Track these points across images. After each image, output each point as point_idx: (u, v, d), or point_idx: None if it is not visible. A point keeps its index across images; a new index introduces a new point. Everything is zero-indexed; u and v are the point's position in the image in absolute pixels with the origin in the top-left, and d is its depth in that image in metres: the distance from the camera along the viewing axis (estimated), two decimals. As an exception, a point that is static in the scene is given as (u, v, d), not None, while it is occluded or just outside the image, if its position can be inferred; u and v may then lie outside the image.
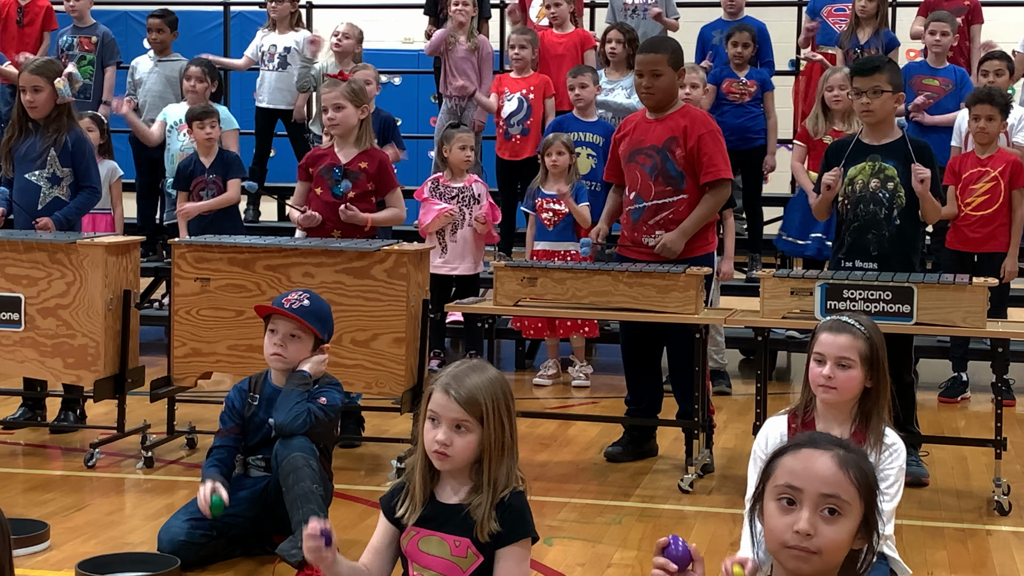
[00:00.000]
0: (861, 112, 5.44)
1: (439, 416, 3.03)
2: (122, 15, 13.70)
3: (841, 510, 2.24)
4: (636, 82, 5.71)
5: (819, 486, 2.24)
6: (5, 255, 5.59)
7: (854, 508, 2.25)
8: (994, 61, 7.57)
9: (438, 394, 3.04)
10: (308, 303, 4.41)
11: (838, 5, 8.62)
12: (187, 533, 4.21)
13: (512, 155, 8.24)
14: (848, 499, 2.24)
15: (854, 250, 5.42)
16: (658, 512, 4.97)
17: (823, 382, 3.71)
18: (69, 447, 5.89)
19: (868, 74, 5.37)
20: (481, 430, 3.02)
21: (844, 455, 2.28)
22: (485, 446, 3.04)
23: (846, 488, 2.24)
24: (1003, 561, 4.48)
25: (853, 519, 2.25)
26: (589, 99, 7.66)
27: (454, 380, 3.04)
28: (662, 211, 5.58)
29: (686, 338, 5.35)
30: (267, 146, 9.18)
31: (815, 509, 2.24)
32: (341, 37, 8.43)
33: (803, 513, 2.24)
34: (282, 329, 4.37)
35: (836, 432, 3.76)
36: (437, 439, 3.02)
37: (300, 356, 4.39)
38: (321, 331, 4.42)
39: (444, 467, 3.07)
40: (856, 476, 2.25)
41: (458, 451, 3.03)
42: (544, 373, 7.60)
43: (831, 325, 3.77)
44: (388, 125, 7.90)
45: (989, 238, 6.89)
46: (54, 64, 6.24)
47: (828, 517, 2.24)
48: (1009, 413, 6.39)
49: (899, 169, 5.34)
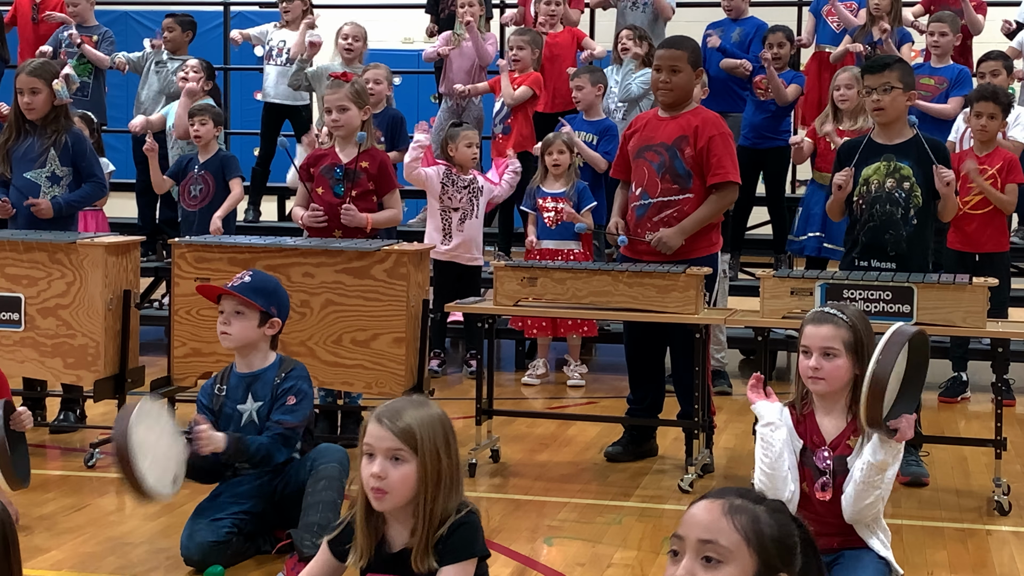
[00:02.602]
0: (872, 110, 5.43)
1: (374, 448, 2.95)
2: (122, 15, 13.73)
3: (721, 557, 2.12)
4: (653, 78, 5.71)
5: (697, 532, 2.15)
6: (5, 255, 5.59)
7: (738, 557, 2.11)
8: (990, 62, 7.57)
9: (372, 426, 2.97)
10: (249, 279, 4.45)
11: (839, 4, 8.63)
12: (214, 533, 4.20)
13: (497, 153, 8.26)
14: (728, 546, 2.12)
15: (870, 250, 5.40)
16: (658, 512, 4.97)
17: (811, 374, 3.77)
18: (69, 447, 5.89)
19: (878, 71, 5.37)
20: (416, 462, 2.94)
21: (739, 504, 2.16)
22: (420, 478, 2.94)
23: (726, 534, 2.12)
24: (1003, 561, 4.48)
25: (738, 570, 2.11)
26: (588, 100, 7.69)
27: (387, 411, 2.98)
28: (666, 208, 5.58)
29: (687, 338, 5.35)
30: (271, 147, 9.12)
31: (695, 556, 2.14)
32: (351, 40, 8.42)
33: (684, 560, 2.15)
34: (227, 308, 4.41)
35: (833, 422, 3.79)
36: (372, 472, 2.93)
37: (246, 333, 4.40)
38: (264, 305, 4.41)
39: (383, 506, 2.97)
40: (743, 524, 2.13)
41: (395, 484, 2.93)
42: (533, 372, 7.61)
43: (813, 317, 3.85)
44: (397, 124, 7.90)
45: (989, 237, 6.90)
46: (51, 66, 6.24)
47: (706, 565, 2.12)
48: (1009, 413, 6.39)
49: (914, 169, 5.33)
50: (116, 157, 8.27)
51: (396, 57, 12.33)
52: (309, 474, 4.25)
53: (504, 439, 5.86)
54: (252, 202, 9.12)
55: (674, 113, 5.64)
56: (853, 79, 7.25)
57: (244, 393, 4.43)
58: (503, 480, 5.43)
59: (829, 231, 7.42)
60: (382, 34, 13.01)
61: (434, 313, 6.69)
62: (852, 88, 7.21)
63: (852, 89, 7.21)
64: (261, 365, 4.46)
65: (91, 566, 4.23)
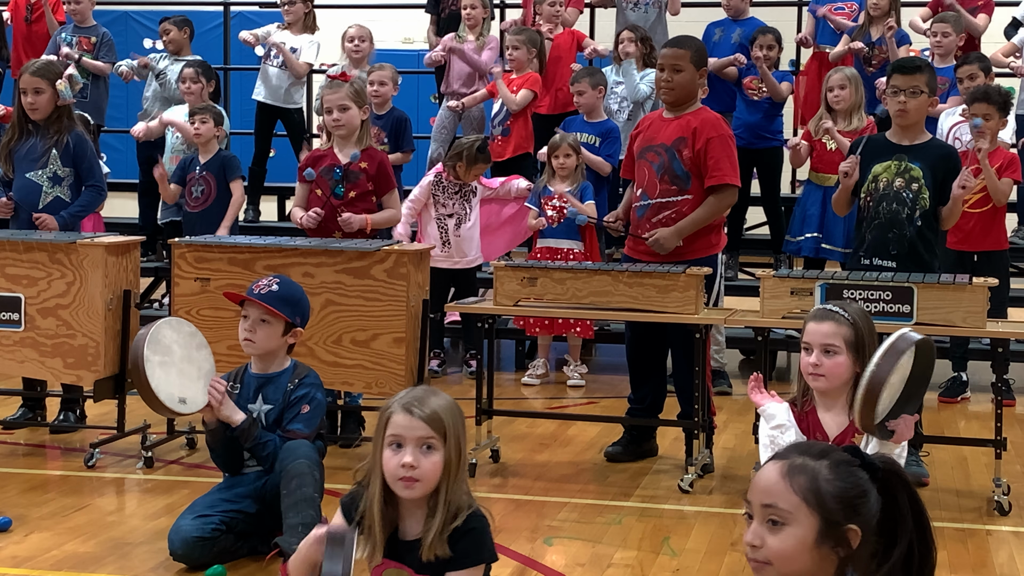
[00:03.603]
0: (896, 111, 5.36)
1: (403, 438, 2.93)
2: (122, 15, 13.72)
3: (782, 519, 2.21)
4: (657, 77, 5.72)
5: (759, 496, 2.23)
6: (5, 255, 5.59)
7: (798, 518, 2.20)
8: (967, 66, 7.47)
9: (399, 416, 2.94)
10: (276, 288, 4.46)
11: (838, 4, 8.63)
12: (199, 529, 4.21)
13: (496, 155, 8.26)
14: (788, 508, 2.20)
15: (874, 248, 5.38)
16: (658, 512, 4.97)
17: (811, 370, 3.79)
18: (69, 447, 5.88)
19: (910, 73, 5.33)
20: (443, 449, 2.94)
21: (798, 464, 2.23)
22: (445, 467, 2.94)
23: (784, 497, 2.20)
24: (1003, 561, 4.48)
25: (801, 529, 2.20)
26: (590, 103, 7.70)
27: (414, 400, 2.96)
28: (664, 209, 5.58)
29: (687, 338, 5.35)
30: (267, 145, 9.17)
31: (761, 520, 2.23)
32: (358, 41, 8.44)
33: (752, 524, 2.24)
34: (252, 315, 4.43)
35: (835, 419, 3.80)
36: (404, 462, 2.91)
37: (270, 341, 4.43)
38: (290, 315, 4.44)
39: (413, 495, 2.94)
40: (801, 485, 2.20)
41: (426, 472, 2.92)
42: (533, 372, 7.61)
43: (815, 314, 3.87)
44: (401, 125, 7.90)
45: (988, 235, 6.90)
46: (55, 66, 6.24)
47: (772, 527, 2.22)
48: (1009, 413, 6.39)
49: (925, 171, 5.31)
50: (116, 157, 8.28)
51: (396, 57, 12.28)
52: (280, 476, 4.23)
53: (504, 439, 5.86)
54: (251, 202, 9.12)
55: (677, 113, 5.64)
56: (846, 79, 7.25)
57: (255, 394, 4.45)
58: (503, 480, 5.43)
59: (828, 231, 7.42)
60: (382, 34, 12.96)
61: (434, 314, 6.69)
62: (845, 88, 7.21)
63: (845, 89, 7.21)
64: (276, 369, 4.49)
65: (91, 566, 4.23)
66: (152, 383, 4.26)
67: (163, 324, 4.42)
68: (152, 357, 4.28)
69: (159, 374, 4.29)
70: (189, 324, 4.57)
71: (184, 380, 4.36)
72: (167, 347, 4.36)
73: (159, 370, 4.29)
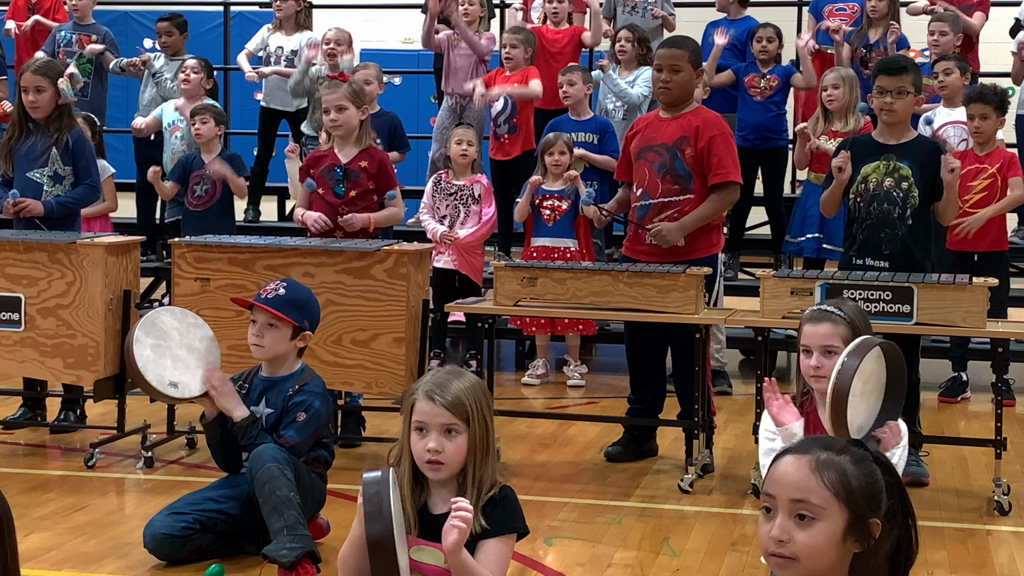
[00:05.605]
0: (881, 110, 5.39)
1: (426, 424, 3.04)
2: (122, 15, 13.72)
3: (814, 514, 2.21)
4: (654, 77, 5.72)
5: (788, 491, 2.23)
6: (5, 255, 5.59)
7: (830, 513, 2.21)
8: (943, 62, 7.51)
9: (422, 403, 3.05)
10: (284, 292, 4.46)
11: (839, 5, 8.63)
12: (168, 526, 4.22)
13: (504, 155, 8.25)
14: (820, 503, 2.20)
15: (866, 248, 5.39)
16: (658, 512, 4.97)
17: (813, 372, 3.77)
18: (69, 447, 5.89)
19: (895, 74, 5.34)
20: (468, 432, 3.04)
21: (824, 459, 2.23)
22: (470, 447, 3.05)
23: (816, 492, 2.21)
24: (1003, 561, 4.48)
25: (831, 524, 2.20)
26: (578, 97, 7.68)
27: (435, 386, 3.05)
28: (667, 209, 5.58)
29: (687, 338, 5.35)
30: (269, 146, 9.15)
31: (788, 515, 2.23)
32: (334, 45, 8.40)
33: (777, 519, 2.23)
34: (260, 319, 4.44)
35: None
36: (428, 448, 3.02)
37: (278, 345, 4.44)
38: (298, 319, 4.44)
39: (439, 476, 3.07)
40: (832, 480, 2.21)
41: (451, 456, 3.04)
42: (533, 372, 7.60)
43: (811, 315, 3.85)
44: (394, 127, 7.89)
45: (988, 235, 6.90)
46: (56, 65, 6.24)
47: (800, 523, 2.22)
48: (1009, 413, 6.39)
49: (914, 169, 5.32)
50: (116, 157, 8.26)
51: (396, 57, 12.33)
52: (252, 486, 4.22)
53: (504, 439, 5.86)
54: (252, 202, 9.12)
55: (675, 113, 5.64)
56: (839, 79, 7.23)
57: (259, 396, 4.46)
58: (503, 480, 5.41)
59: (828, 232, 7.41)
60: (382, 34, 13.01)
61: (435, 313, 6.69)
62: (839, 88, 7.20)
63: (839, 89, 7.20)
64: (284, 373, 4.49)
65: (91, 566, 4.23)
66: (139, 363, 4.36)
67: (164, 310, 4.56)
68: (144, 338, 4.40)
69: (149, 355, 4.39)
70: (196, 316, 4.65)
71: (179, 365, 4.45)
72: (164, 332, 4.46)
73: (150, 351, 4.40)
